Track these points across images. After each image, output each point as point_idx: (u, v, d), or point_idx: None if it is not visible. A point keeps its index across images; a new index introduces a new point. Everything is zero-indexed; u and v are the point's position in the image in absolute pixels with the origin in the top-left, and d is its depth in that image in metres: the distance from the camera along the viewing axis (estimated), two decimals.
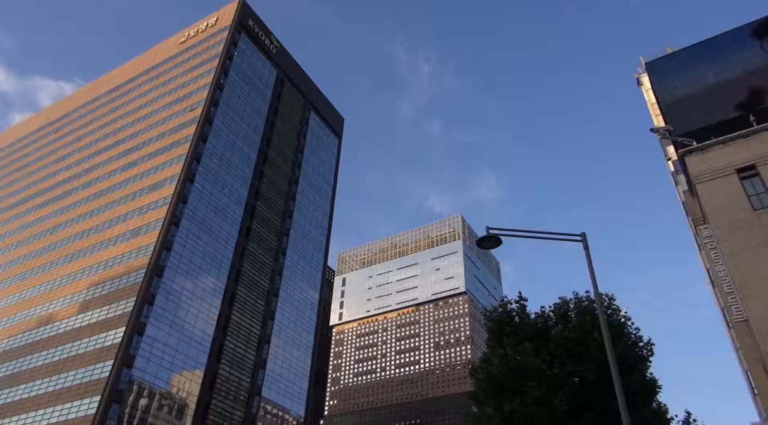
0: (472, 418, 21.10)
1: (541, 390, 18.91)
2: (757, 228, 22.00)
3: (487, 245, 15.18)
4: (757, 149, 23.86)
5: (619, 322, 21.11)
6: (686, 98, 28.52)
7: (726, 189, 23.59)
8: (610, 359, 13.05)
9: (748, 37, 28.48)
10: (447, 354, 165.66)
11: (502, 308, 22.57)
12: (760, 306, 20.46)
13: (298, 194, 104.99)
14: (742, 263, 21.66)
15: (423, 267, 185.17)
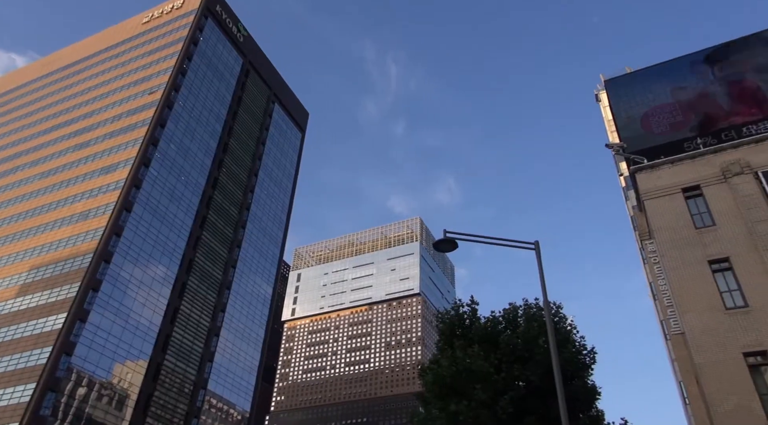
0: (418, 418, 21.34)
1: (487, 393, 19.30)
2: (698, 246, 23.12)
3: (443, 248, 15.37)
4: (702, 170, 25.07)
5: (565, 330, 21.76)
6: (639, 116, 29.68)
7: (671, 207, 24.69)
8: (554, 365, 13.45)
9: (701, 63, 29.87)
10: (397, 354, 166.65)
11: (454, 311, 22.92)
12: (696, 321, 21.51)
13: (257, 187, 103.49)
14: (681, 279, 22.72)
15: (379, 267, 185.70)
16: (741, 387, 19.64)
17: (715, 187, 24.43)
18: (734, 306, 21.38)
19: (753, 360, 20.08)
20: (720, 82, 28.88)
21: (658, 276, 25.12)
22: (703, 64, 29.99)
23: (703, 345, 21.03)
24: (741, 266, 21.99)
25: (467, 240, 15.30)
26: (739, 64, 28.85)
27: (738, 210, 23.28)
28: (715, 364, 20.42)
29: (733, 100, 27.84)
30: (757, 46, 28.93)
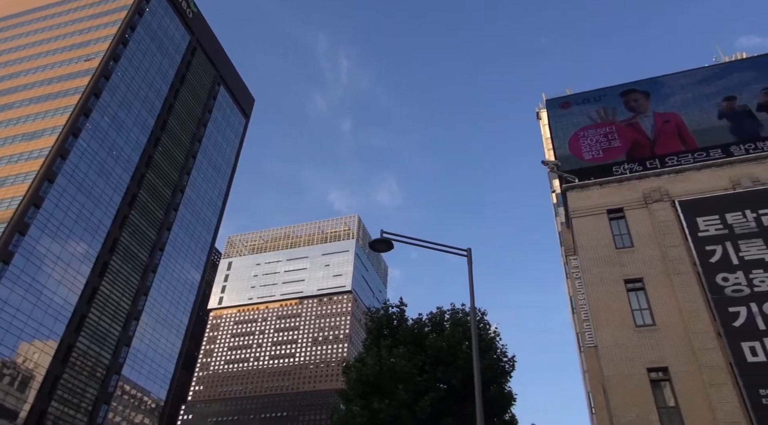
0: (338, 415, 21.39)
1: (408, 393, 19.63)
2: (616, 265, 24.55)
3: (379, 248, 15.47)
4: (626, 195, 26.64)
5: (488, 337, 22.48)
6: (576, 138, 31.12)
7: (596, 226, 26.08)
8: (475, 370, 13.86)
9: (633, 93, 31.66)
10: (324, 350, 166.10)
11: (384, 311, 23.16)
12: (608, 335, 22.84)
13: (195, 169, 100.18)
14: (599, 295, 24.04)
15: (313, 261, 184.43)
16: (642, 399, 20.99)
17: (636, 211, 25.98)
18: (643, 324, 22.82)
19: (655, 375, 21.52)
20: (647, 113, 30.71)
21: (578, 291, 26.42)
22: (634, 94, 31.80)
23: (612, 358, 22.32)
24: (652, 287, 23.51)
25: (403, 242, 15.48)
26: (666, 98, 30.79)
27: (654, 234, 24.86)
28: (621, 377, 21.71)
29: (658, 132, 29.71)
30: (685, 83, 30.98)
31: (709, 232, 23.85)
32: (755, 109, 28.44)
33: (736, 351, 20.65)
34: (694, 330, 21.71)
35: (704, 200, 24.82)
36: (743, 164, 25.55)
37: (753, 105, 28.65)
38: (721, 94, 29.82)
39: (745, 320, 21.21)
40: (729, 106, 29.21)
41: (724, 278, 22.42)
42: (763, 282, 21.79)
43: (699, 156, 27.59)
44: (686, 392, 20.67)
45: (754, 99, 28.84)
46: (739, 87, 29.67)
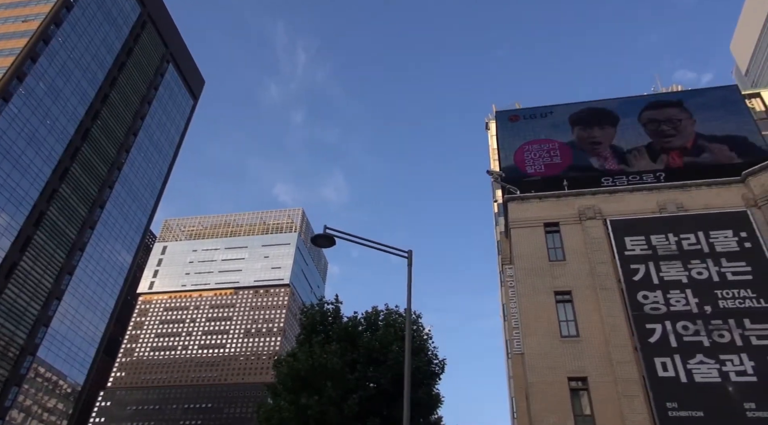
0: (265, 409, 21.12)
1: (337, 390, 19.64)
2: (548, 277, 25.52)
3: (321, 243, 15.38)
4: (563, 209, 27.74)
5: (421, 339, 22.82)
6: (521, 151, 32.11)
7: (533, 238, 27.00)
8: (406, 371, 14.03)
9: (578, 113, 32.99)
10: (256, 342, 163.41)
11: (319, 307, 23.06)
12: (535, 343, 23.72)
13: (135, 148, 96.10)
14: (529, 304, 24.91)
15: (252, 252, 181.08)
16: (561, 407, 21.92)
17: (571, 226, 27.09)
18: (568, 335, 23.83)
19: (574, 384, 22.52)
20: (588, 134, 32.07)
21: (510, 299, 27.27)
22: (579, 114, 33.14)
23: (537, 366, 23.17)
24: (579, 300, 24.58)
25: (346, 239, 15.46)
26: (606, 122, 32.26)
27: (585, 250, 26.01)
28: (544, 384, 22.58)
29: (597, 153, 31.09)
30: (624, 108, 32.55)
31: (635, 251, 25.19)
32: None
33: (649, 365, 21.91)
34: (614, 344, 22.87)
35: (633, 221, 26.19)
36: (670, 191, 27.13)
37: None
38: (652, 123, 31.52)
39: (659, 337, 22.55)
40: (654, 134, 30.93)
41: (645, 296, 23.75)
42: (678, 302, 23.23)
43: (633, 179, 29.08)
44: (601, 401, 21.74)
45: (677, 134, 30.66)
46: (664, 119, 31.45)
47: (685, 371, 21.47)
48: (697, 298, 23.14)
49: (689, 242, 24.83)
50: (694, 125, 30.60)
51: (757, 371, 20.86)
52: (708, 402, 20.58)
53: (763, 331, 21.76)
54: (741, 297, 22.79)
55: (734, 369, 21.11)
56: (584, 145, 31.64)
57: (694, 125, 30.56)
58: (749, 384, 20.66)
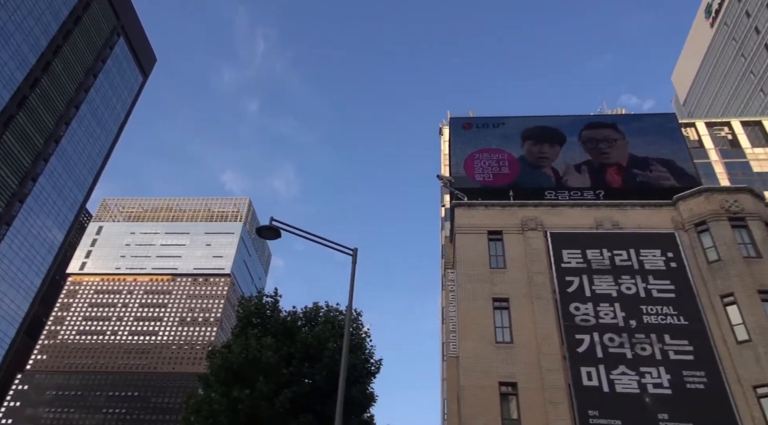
0: (195, 400, 20.61)
1: (270, 385, 19.41)
2: (488, 284, 26.19)
3: (266, 235, 15.16)
4: (507, 219, 28.52)
5: (359, 337, 22.87)
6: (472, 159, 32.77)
7: (476, 245, 27.62)
8: (342, 369, 14.04)
9: (526, 126, 33.95)
10: (191, 331, 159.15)
11: (258, 299, 22.72)
12: (470, 348, 24.30)
13: (75, 121, 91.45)
14: (468, 309, 25.48)
15: (194, 239, 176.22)
16: (490, 410, 22.53)
17: (513, 236, 27.88)
18: (502, 341, 24.52)
19: (505, 389, 23.20)
20: (537, 149, 33.10)
21: (450, 303, 27.79)
22: (529, 128, 34.14)
23: (470, 369, 23.73)
24: (515, 308, 25.34)
25: (292, 232, 15.31)
26: (554, 139, 33.39)
27: (525, 260, 26.83)
28: (475, 388, 23.15)
29: (543, 167, 32.14)
30: (570, 126, 33.79)
31: (571, 264, 26.21)
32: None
33: (575, 374, 22.86)
34: (544, 352, 23.71)
35: (571, 235, 27.23)
36: (607, 208, 28.37)
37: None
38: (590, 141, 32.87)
39: (587, 347, 23.56)
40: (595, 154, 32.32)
41: (576, 307, 24.75)
42: (607, 315, 24.35)
43: (574, 195, 30.23)
44: (528, 407, 22.50)
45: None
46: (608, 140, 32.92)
47: (607, 381, 22.53)
48: (624, 312, 24.33)
49: (621, 259, 26.07)
50: (630, 147, 32.11)
51: (673, 384, 22.15)
52: (626, 411, 21.68)
53: (681, 347, 23.13)
54: (663, 313, 24.13)
55: (652, 382, 22.33)
56: (532, 158, 32.61)
57: (631, 148, 32.08)
58: (664, 396, 21.90)
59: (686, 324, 23.75)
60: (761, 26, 76.31)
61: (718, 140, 53.40)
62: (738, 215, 26.12)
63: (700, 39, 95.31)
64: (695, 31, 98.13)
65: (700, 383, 22.12)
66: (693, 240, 26.41)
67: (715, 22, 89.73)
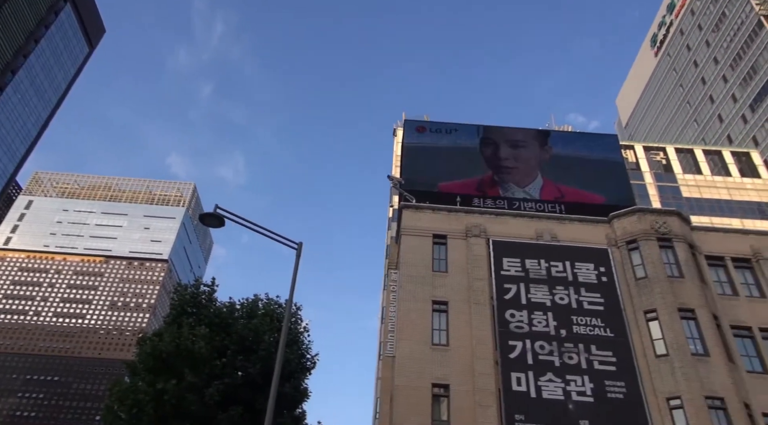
0: (119, 388, 19.87)
1: (200, 376, 18.99)
2: (429, 286, 26.59)
3: (210, 222, 14.80)
4: (453, 224, 29.06)
5: (297, 331, 22.71)
6: (422, 162, 33.19)
7: (421, 247, 27.99)
8: (276, 363, 13.91)
9: (474, 136, 34.69)
10: (121, 316, 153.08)
11: (194, 287, 22.16)
12: (407, 348, 24.61)
13: (11, 87, 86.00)
14: (408, 310, 25.79)
15: (132, 221, 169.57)
16: (422, 411, 22.89)
17: (457, 241, 28.42)
18: (439, 343, 24.97)
19: (437, 390, 23.63)
20: (487, 157, 33.92)
21: (391, 303, 28.01)
22: (482, 137, 34.91)
23: (405, 370, 24.02)
24: (454, 312, 25.84)
25: (236, 222, 15.02)
26: (505, 149, 34.31)
27: (467, 265, 27.42)
28: (409, 389, 23.45)
29: (492, 176, 32.97)
30: (510, 133, 34.81)
31: (510, 272, 27.00)
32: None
33: (506, 379, 23.58)
34: (478, 356, 24.32)
35: (512, 244, 28.05)
36: (548, 221, 29.40)
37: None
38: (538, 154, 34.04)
39: (519, 353, 24.35)
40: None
41: (512, 314, 25.52)
42: (540, 323, 25.23)
43: (517, 205, 31.16)
44: (459, 409, 23.01)
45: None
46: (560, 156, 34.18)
47: (535, 387, 23.36)
48: (556, 321, 25.30)
49: (557, 270, 27.08)
50: (573, 163, 33.44)
51: (595, 392, 23.24)
52: (550, 417, 22.55)
53: (605, 357, 24.28)
54: (592, 325, 25.26)
55: (576, 389, 23.34)
56: (481, 166, 33.36)
57: (574, 164, 33.41)
58: (587, 404, 22.94)
59: (612, 336, 24.96)
60: (699, 60, 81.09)
61: (654, 164, 56.39)
62: (666, 237, 27.66)
63: (645, 66, 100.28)
64: (641, 59, 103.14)
65: (620, 392, 23.30)
66: (624, 257, 27.75)
67: (659, 52, 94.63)
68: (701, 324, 24.71)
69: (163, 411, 18.93)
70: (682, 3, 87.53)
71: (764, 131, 66.36)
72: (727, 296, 27.10)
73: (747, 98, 69.63)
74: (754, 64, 68.59)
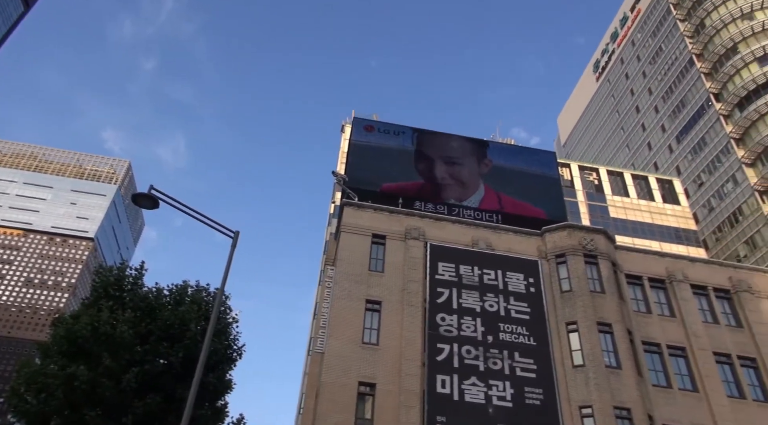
0: (27, 370, 18.78)
1: (117, 361, 18.26)
2: (364, 285, 26.73)
3: (143, 203, 14.20)
4: (392, 225, 29.32)
5: (225, 321, 22.23)
6: (368, 161, 33.31)
7: (359, 246, 28.07)
8: (202, 352, 13.59)
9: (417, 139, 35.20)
10: (37, 295, 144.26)
11: (119, 270, 21.25)
12: (337, 345, 24.62)
13: None
14: (341, 307, 25.81)
15: (57, 194, 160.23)
16: (346, 408, 22.97)
17: (396, 242, 28.71)
18: (369, 342, 25.14)
19: (363, 389, 23.79)
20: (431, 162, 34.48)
21: (325, 299, 27.92)
22: (427, 142, 35.45)
23: (333, 367, 24.04)
24: (386, 312, 26.10)
25: (171, 205, 14.49)
26: (448, 156, 35.00)
27: (403, 267, 27.75)
28: (335, 386, 23.48)
29: (435, 181, 33.55)
30: (449, 143, 35.60)
31: (444, 277, 27.56)
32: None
33: (431, 381, 24.05)
34: (406, 357, 24.68)
35: (448, 249, 28.64)
36: (485, 229, 30.24)
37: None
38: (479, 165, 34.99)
39: (446, 356, 24.90)
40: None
41: (443, 318, 26.07)
42: (468, 328, 25.91)
43: (456, 211, 31.88)
44: (383, 408, 23.26)
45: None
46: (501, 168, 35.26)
47: (459, 390, 23.97)
48: (484, 327, 26.06)
49: (489, 278, 27.90)
50: (513, 176, 34.60)
51: (514, 398, 24.13)
52: (471, 420, 23.21)
53: (527, 365, 25.25)
54: (517, 333, 26.21)
55: (497, 394, 24.14)
56: (425, 170, 33.88)
57: (514, 176, 34.57)
58: (506, 409, 23.78)
59: (534, 344, 25.99)
60: (636, 89, 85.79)
61: (587, 183, 59.17)
62: (592, 253, 29.10)
63: (586, 89, 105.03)
64: (583, 82, 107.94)
65: (537, 399, 24.31)
66: (552, 270, 28.96)
67: (600, 77, 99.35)
68: (616, 338, 26.16)
69: (74, 397, 18.07)
70: (624, 33, 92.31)
71: (686, 161, 71.05)
72: (641, 313, 28.83)
73: (674, 130, 74.32)
74: (683, 99, 73.29)
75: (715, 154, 66.07)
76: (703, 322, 28.88)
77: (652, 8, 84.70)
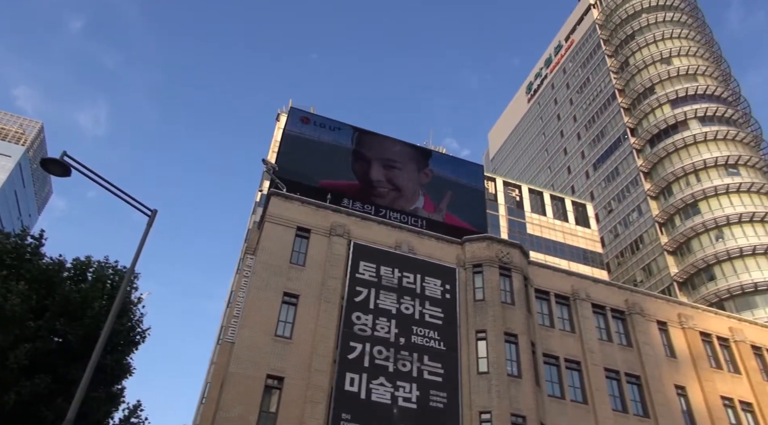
0: None
1: (7, 337, 16.89)
2: (283, 277, 26.37)
3: (53, 169, 13.20)
4: (318, 220, 29.15)
5: (130, 301, 21.13)
6: (300, 153, 32.90)
7: (282, 237, 27.66)
8: (103, 332, 12.85)
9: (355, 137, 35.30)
10: None
11: (17, 237, 19.64)
12: (249, 336, 24.12)
13: None
14: (257, 298, 25.31)
15: None
16: (251, 400, 22.57)
17: (320, 237, 28.56)
18: (282, 335, 24.85)
19: (271, 382, 23.48)
20: (364, 162, 34.63)
21: (241, 288, 27.27)
22: (363, 141, 35.55)
23: (242, 358, 23.53)
24: (303, 306, 25.91)
25: (85, 175, 13.59)
26: (381, 157, 35.29)
27: (325, 262, 27.66)
28: (242, 377, 23.00)
29: (367, 181, 33.70)
30: (391, 147, 36.05)
31: (364, 276, 27.75)
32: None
33: (340, 378, 24.14)
34: (318, 353, 24.62)
35: (371, 250, 28.87)
36: (408, 233, 30.75)
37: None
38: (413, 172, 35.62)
39: (357, 355, 25.08)
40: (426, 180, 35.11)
41: (358, 317, 26.24)
42: (382, 329, 26.24)
43: (383, 212, 32.19)
44: (289, 402, 23.06)
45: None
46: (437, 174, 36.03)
47: (366, 389, 24.22)
48: (398, 329, 26.50)
49: (408, 281, 28.41)
50: (440, 183, 35.48)
51: (419, 400, 24.71)
52: (375, 419, 23.52)
53: (434, 368, 25.94)
54: (429, 337, 26.86)
55: (403, 395, 24.62)
56: (357, 169, 33.95)
57: (440, 184, 35.45)
58: (410, 410, 24.30)
59: (444, 349, 26.75)
60: (562, 115, 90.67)
61: (509, 199, 61.70)
62: (507, 266, 30.37)
63: (517, 109, 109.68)
64: (515, 101, 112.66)
65: (441, 403, 25.03)
66: (468, 279, 29.93)
67: (531, 99, 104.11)
68: (520, 349, 27.45)
69: None
70: (557, 60, 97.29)
71: (600, 188, 75.93)
72: (545, 327, 30.44)
73: (592, 158, 79.23)
74: (603, 129, 78.29)
75: (625, 184, 71.04)
76: (599, 339, 30.93)
77: (584, 41, 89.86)
